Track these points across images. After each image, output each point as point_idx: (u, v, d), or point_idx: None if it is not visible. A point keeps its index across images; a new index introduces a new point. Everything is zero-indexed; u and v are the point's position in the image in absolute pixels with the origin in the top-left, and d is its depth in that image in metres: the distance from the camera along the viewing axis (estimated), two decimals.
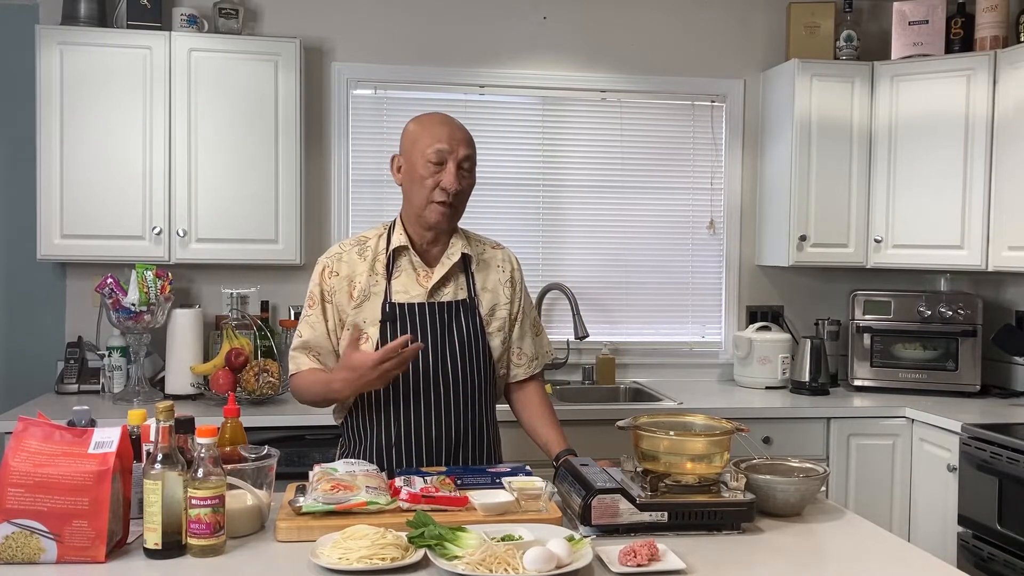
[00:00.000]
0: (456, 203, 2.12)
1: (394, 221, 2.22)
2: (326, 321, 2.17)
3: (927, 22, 3.68)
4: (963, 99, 3.53)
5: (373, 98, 3.80)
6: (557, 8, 3.90)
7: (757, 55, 4.04)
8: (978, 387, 3.65)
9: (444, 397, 2.13)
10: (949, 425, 3.18)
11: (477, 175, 2.21)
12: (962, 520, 3.09)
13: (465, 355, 2.15)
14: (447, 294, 2.18)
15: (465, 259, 2.21)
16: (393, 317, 2.13)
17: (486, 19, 3.86)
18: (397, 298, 2.14)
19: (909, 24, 3.71)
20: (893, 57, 3.74)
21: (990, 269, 3.50)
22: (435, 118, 2.17)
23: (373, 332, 2.12)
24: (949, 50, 3.67)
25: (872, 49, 3.91)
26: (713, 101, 4.03)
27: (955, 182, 3.55)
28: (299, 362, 2.17)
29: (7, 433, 2.76)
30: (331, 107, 3.75)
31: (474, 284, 2.21)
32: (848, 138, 3.74)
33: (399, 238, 2.17)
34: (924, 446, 3.34)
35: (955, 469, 3.13)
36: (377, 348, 2.10)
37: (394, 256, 2.17)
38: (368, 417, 2.15)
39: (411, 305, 2.14)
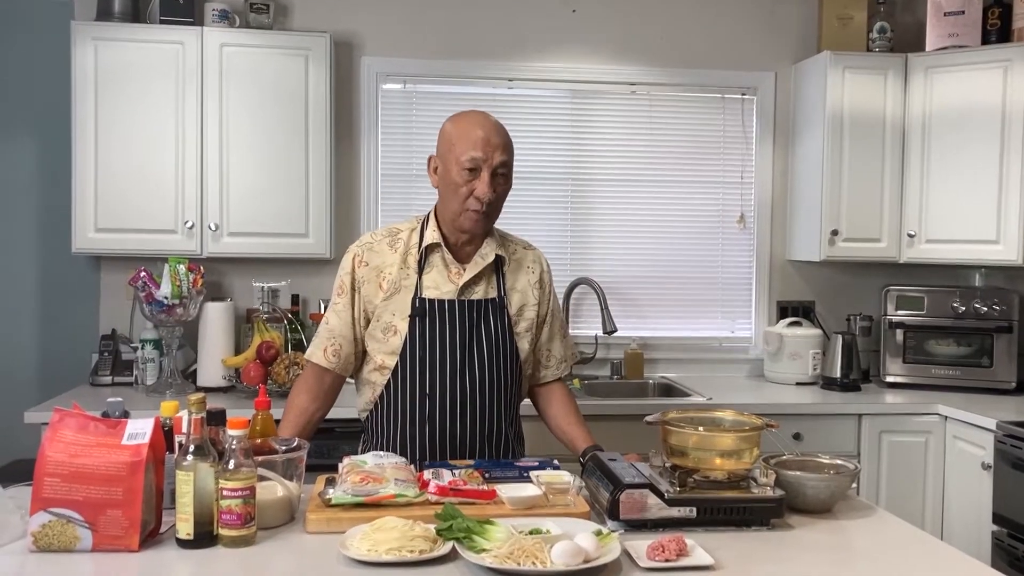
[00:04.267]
0: (491, 211, 2.12)
1: (428, 216, 2.21)
2: (352, 310, 2.17)
3: (963, 13, 3.62)
4: (999, 91, 3.47)
5: (403, 92, 3.81)
6: (586, 1, 3.89)
7: (788, 47, 4.00)
8: (1014, 384, 3.59)
9: (471, 395, 2.13)
10: (983, 422, 3.13)
11: None
12: (996, 519, 3.05)
13: (493, 354, 2.15)
14: (477, 293, 2.17)
15: (498, 259, 2.20)
16: (423, 313, 2.12)
17: (515, 12, 3.85)
18: (428, 294, 2.14)
19: (944, 15, 3.65)
20: (928, 49, 3.69)
21: None
22: (472, 121, 2.12)
23: (402, 326, 2.13)
24: (985, 41, 3.61)
25: (906, 41, 3.85)
26: (744, 94, 4.00)
27: (991, 176, 3.50)
28: (313, 351, 2.20)
29: (44, 424, 2.81)
30: (361, 101, 3.77)
31: (504, 284, 2.20)
32: (881, 131, 3.70)
33: (432, 235, 2.16)
34: (958, 443, 3.30)
35: (989, 467, 3.09)
36: (406, 343, 2.12)
37: (426, 252, 2.16)
38: (393, 413, 2.16)
39: (441, 302, 2.13)
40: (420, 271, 2.15)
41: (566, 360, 2.34)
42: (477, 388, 2.13)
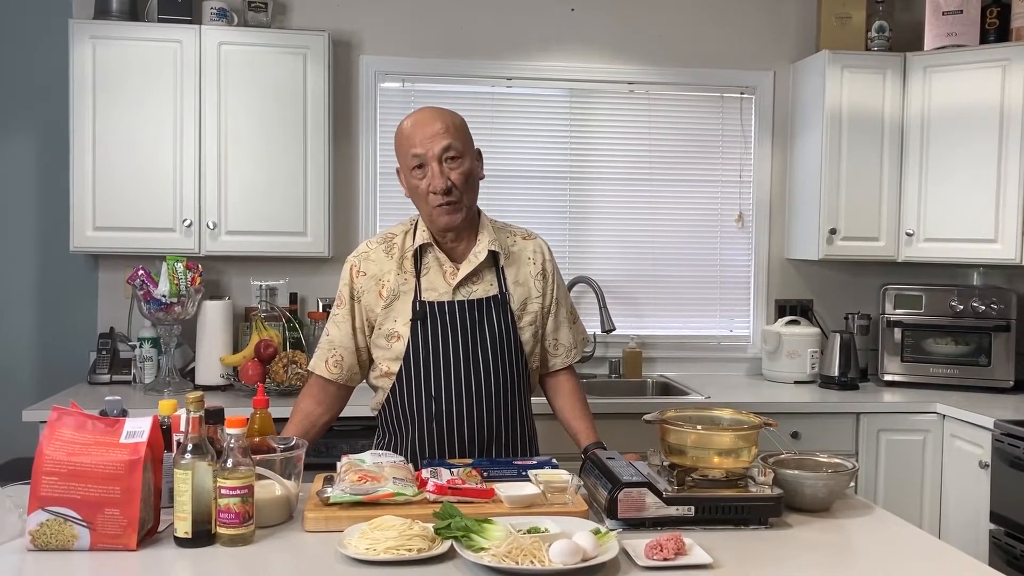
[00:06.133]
0: (458, 197, 2.07)
1: (419, 217, 2.20)
2: (352, 320, 2.17)
3: (961, 12, 3.62)
4: (998, 90, 3.48)
5: (401, 91, 3.81)
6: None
7: (787, 46, 4.00)
8: (1011, 383, 3.60)
9: (477, 394, 2.12)
10: (981, 421, 3.14)
11: (504, 167, 2.22)
12: (994, 517, 3.05)
13: (497, 352, 2.14)
14: (478, 291, 2.16)
15: (494, 255, 2.18)
16: (424, 315, 2.11)
17: (514, 11, 3.85)
18: (427, 296, 2.13)
19: (943, 14, 3.65)
20: (926, 48, 3.69)
21: None
22: (408, 121, 2.13)
23: (405, 331, 2.12)
24: (984, 40, 3.61)
25: (905, 40, 3.85)
26: (742, 93, 4.00)
27: (989, 175, 3.50)
28: (316, 363, 2.21)
29: (42, 422, 2.80)
30: (359, 100, 3.77)
31: (505, 279, 2.19)
32: (879, 130, 3.70)
33: (423, 235, 2.15)
34: (955, 442, 3.30)
35: (987, 466, 3.09)
36: (408, 347, 2.11)
37: (421, 253, 2.16)
38: (403, 413, 2.16)
39: (441, 303, 2.13)
40: (418, 274, 2.15)
41: (576, 347, 2.32)
42: (483, 387, 2.12)
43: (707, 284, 4.03)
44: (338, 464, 1.89)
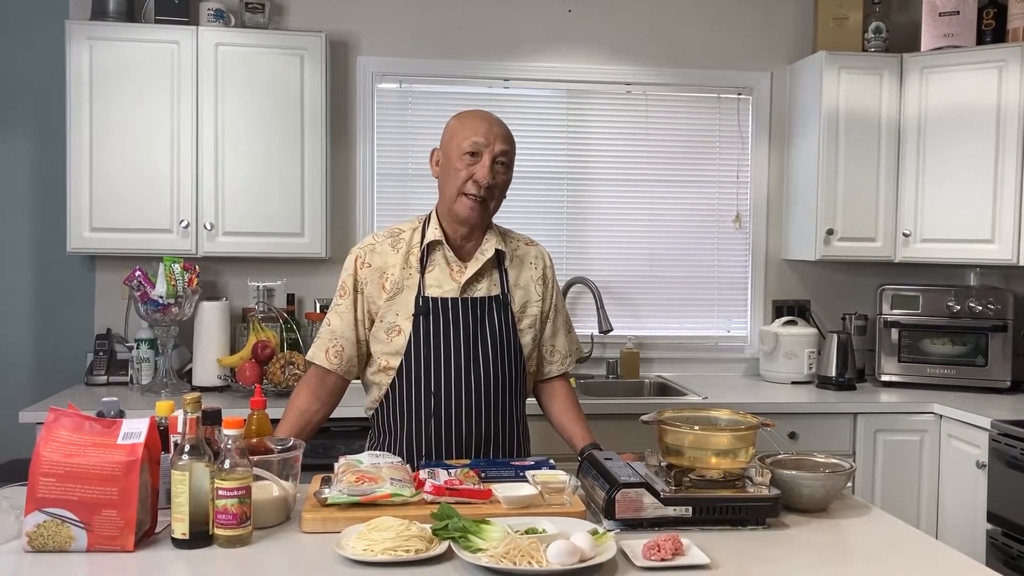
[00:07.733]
0: (488, 197, 2.13)
1: (429, 215, 2.23)
2: (355, 311, 2.18)
3: (958, 13, 3.63)
4: (995, 91, 3.48)
5: (398, 92, 3.81)
6: (582, 0, 3.89)
7: (784, 47, 4.01)
8: (1008, 383, 3.60)
9: (476, 392, 2.13)
10: (978, 421, 3.14)
11: None
12: (991, 517, 3.06)
13: (497, 351, 2.15)
14: (480, 290, 2.18)
15: (499, 255, 2.21)
16: (427, 311, 2.13)
17: (511, 12, 3.85)
18: (430, 292, 2.15)
19: (940, 15, 3.66)
20: (923, 49, 3.69)
21: (1021, 263, 3.45)
22: (476, 113, 2.20)
23: (406, 326, 2.13)
24: (980, 41, 3.62)
25: (901, 41, 3.86)
26: (740, 94, 4.00)
27: (986, 175, 3.51)
28: (315, 353, 2.21)
29: (39, 424, 2.80)
30: (356, 101, 3.77)
31: (507, 280, 2.21)
32: (876, 131, 3.70)
33: (434, 232, 2.17)
34: (953, 442, 3.31)
35: (984, 466, 3.09)
36: (410, 342, 2.12)
37: (428, 250, 2.17)
38: (399, 410, 2.16)
39: (444, 300, 2.14)
40: (422, 270, 2.16)
41: (571, 355, 2.35)
42: (482, 385, 2.14)
43: (704, 285, 4.03)
44: (335, 465, 1.89)
